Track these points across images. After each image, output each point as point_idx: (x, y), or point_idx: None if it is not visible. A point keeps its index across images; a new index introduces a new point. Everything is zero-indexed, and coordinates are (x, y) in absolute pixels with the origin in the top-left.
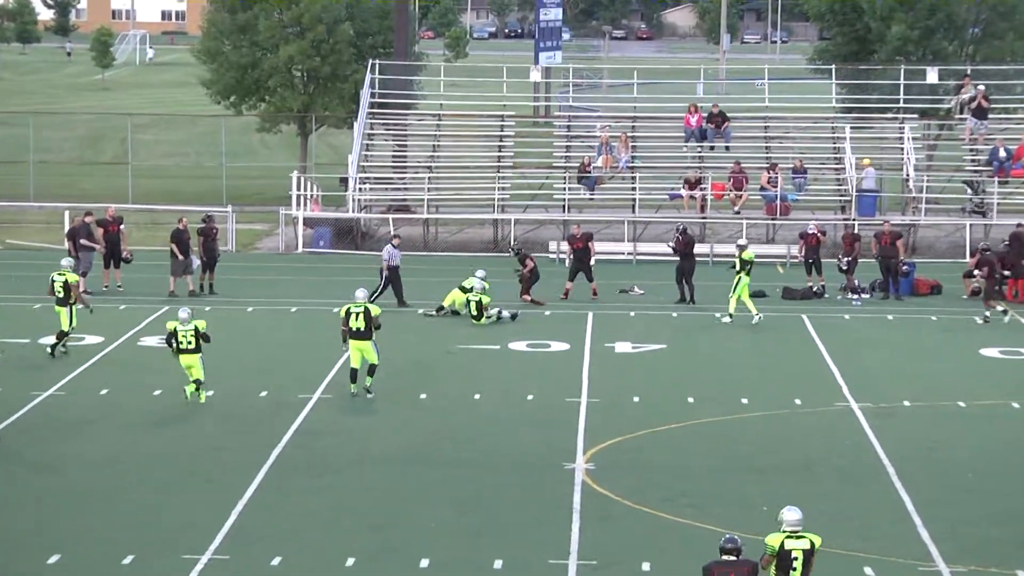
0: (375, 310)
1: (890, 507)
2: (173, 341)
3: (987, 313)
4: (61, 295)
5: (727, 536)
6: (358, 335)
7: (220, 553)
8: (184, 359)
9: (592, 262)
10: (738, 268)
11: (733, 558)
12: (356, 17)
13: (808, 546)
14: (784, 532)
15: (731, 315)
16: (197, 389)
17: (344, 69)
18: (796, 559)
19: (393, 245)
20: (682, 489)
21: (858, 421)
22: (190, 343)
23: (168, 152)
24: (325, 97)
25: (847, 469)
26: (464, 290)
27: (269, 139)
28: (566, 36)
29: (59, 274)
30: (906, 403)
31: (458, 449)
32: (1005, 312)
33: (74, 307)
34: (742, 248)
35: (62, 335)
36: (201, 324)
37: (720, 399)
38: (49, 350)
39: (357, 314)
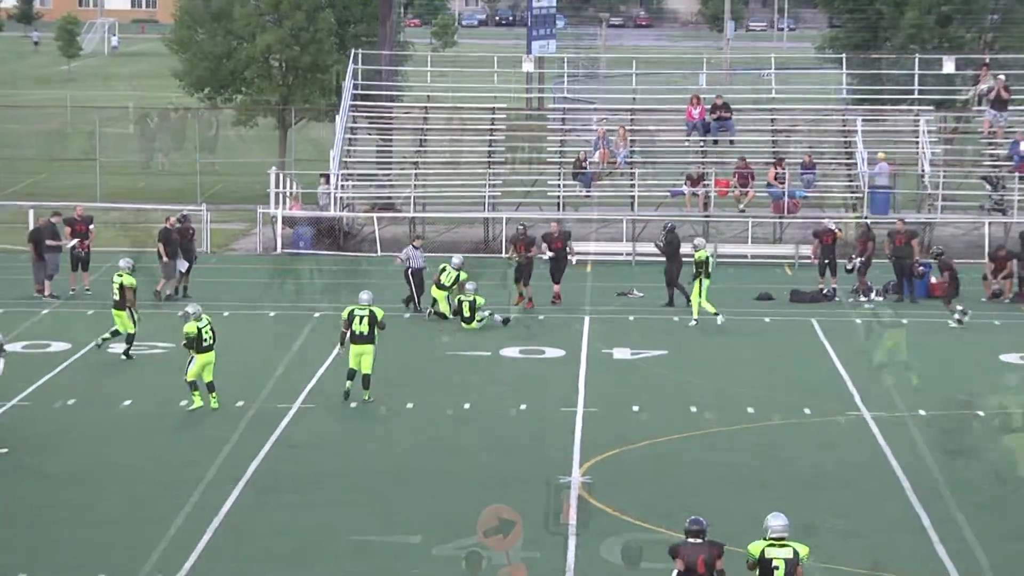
0: (380, 313)
1: (905, 523)
2: (195, 343)
3: (956, 316)
4: (117, 298)
5: (692, 518)
6: (360, 339)
7: (195, 572)
8: (204, 357)
9: (573, 262)
10: (695, 271)
11: (699, 540)
12: (338, 4)
13: (791, 555)
14: (766, 540)
15: (719, 314)
16: (211, 391)
17: (325, 59)
18: (777, 568)
19: (415, 247)
20: (684, 504)
21: (871, 431)
22: (212, 338)
23: (139, 147)
24: (305, 89)
25: (859, 482)
26: (441, 287)
27: (246, 133)
28: (560, 24)
29: (117, 275)
30: (922, 412)
31: (447, 462)
32: (960, 321)
33: (134, 309)
34: (697, 248)
35: (130, 338)
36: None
37: (724, 408)
38: (123, 356)
39: (361, 317)
